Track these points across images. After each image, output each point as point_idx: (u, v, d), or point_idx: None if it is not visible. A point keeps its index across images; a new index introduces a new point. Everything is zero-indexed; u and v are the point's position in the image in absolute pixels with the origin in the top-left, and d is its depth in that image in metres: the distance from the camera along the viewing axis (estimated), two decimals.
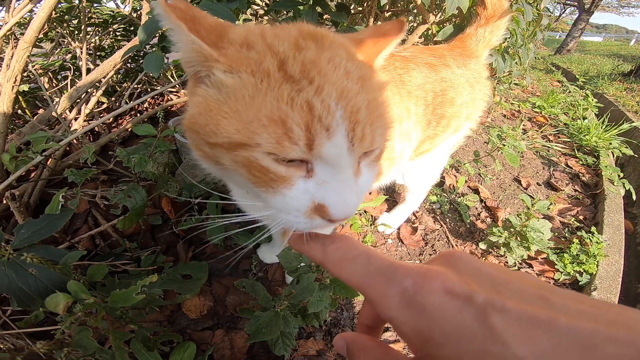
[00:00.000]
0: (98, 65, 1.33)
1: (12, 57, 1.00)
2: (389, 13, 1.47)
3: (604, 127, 2.74)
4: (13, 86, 0.99)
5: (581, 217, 1.69)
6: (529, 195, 1.77)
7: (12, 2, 1.01)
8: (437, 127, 1.07)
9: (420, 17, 1.39)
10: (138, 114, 2.30)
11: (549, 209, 1.40)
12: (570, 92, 4.28)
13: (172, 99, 2.41)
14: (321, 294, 0.87)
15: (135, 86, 2.22)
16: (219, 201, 1.08)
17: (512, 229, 1.34)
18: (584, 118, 3.11)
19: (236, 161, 0.39)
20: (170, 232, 1.25)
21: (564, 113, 3.40)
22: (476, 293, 0.23)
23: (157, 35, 0.94)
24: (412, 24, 1.72)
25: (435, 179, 1.41)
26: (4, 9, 1.02)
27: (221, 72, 0.39)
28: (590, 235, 1.48)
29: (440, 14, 1.48)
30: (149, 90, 2.42)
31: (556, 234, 1.55)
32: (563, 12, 16.12)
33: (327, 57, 0.40)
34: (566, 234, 1.56)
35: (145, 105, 2.45)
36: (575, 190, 1.96)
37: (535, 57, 7.53)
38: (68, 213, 0.61)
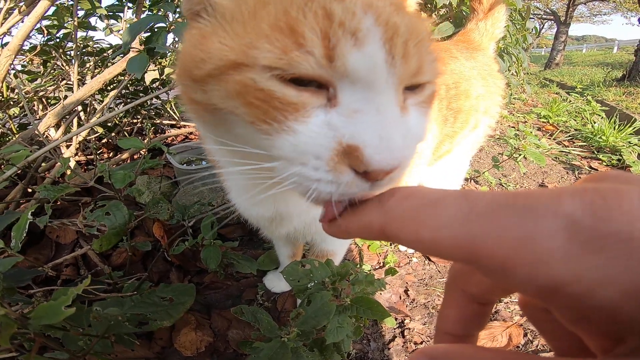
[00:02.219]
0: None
1: None
2: None
3: (617, 127, 2.72)
4: None
5: None
6: None
7: (2, 14, 0.99)
8: (455, 124, 1.00)
9: None
10: None
11: None
12: (571, 100, 4.29)
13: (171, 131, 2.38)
14: (341, 318, 0.70)
15: (134, 120, 2.21)
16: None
17: None
18: (594, 122, 3.05)
19: (229, 92, 0.30)
20: (163, 261, 1.11)
21: (572, 119, 3.35)
22: None
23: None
24: None
25: (458, 186, 1.29)
26: None
27: None
28: None
29: (433, 13, 1.48)
30: (149, 125, 2.40)
31: None
32: (542, 27, 17.03)
33: None
34: None
35: (146, 140, 2.41)
36: None
37: (527, 73, 7.70)
38: (11, 216, 0.49)
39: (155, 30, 0.90)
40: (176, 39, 1.13)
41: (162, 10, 1.27)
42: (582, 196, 0.15)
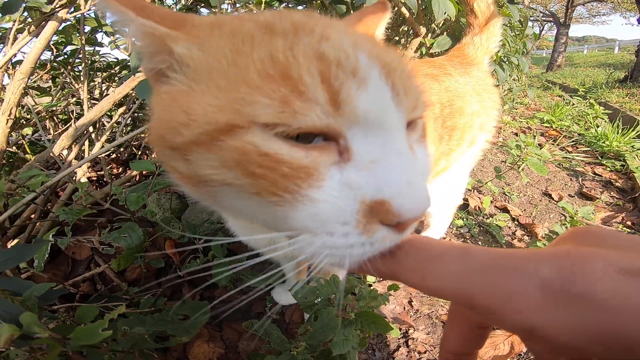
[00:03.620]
0: None
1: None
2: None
3: (620, 131, 2.70)
4: (7, 119, 0.97)
5: (629, 223, 1.55)
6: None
7: (12, 34, 1.02)
8: (450, 141, 1.00)
9: (412, 30, 1.40)
10: None
11: (592, 213, 1.26)
12: (574, 104, 4.28)
13: None
14: (346, 331, 0.73)
15: (143, 135, 2.28)
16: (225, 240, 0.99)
17: None
18: (597, 126, 3.04)
19: (225, 161, 0.25)
20: (175, 276, 1.15)
21: (575, 124, 3.34)
22: None
23: None
24: (403, 38, 1.75)
25: (458, 199, 1.31)
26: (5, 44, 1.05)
27: (183, 48, 0.29)
28: None
29: (432, 28, 1.51)
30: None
31: None
32: (542, 29, 16.98)
33: (322, 23, 0.30)
34: None
35: (153, 155, 2.47)
36: (613, 197, 1.82)
37: (530, 76, 7.67)
38: (40, 245, 0.54)
39: None
40: None
41: None
42: (557, 262, 0.19)
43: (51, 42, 1.51)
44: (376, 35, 0.43)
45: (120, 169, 2.18)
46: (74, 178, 1.31)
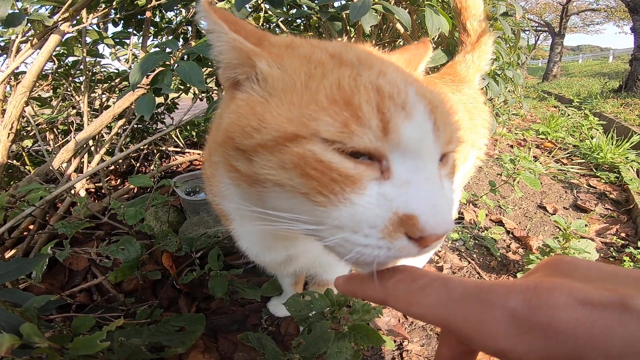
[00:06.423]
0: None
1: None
2: (377, 47, 1.53)
3: (614, 142, 2.71)
4: (9, 133, 0.98)
5: (623, 235, 1.56)
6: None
7: (14, 46, 1.02)
8: None
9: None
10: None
11: (586, 226, 1.27)
12: (569, 115, 4.32)
13: (177, 159, 2.46)
14: (340, 344, 0.74)
15: (142, 147, 2.30)
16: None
17: (552, 254, 1.20)
18: (592, 137, 3.06)
19: (284, 163, 0.30)
20: (172, 288, 1.15)
21: (570, 135, 3.37)
22: (628, 297, 0.19)
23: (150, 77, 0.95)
24: None
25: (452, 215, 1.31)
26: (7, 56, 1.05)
27: (266, 65, 0.35)
28: None
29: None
30: (155, 151, 2.50)
31: (602, 254, 1.41)
32: (537, 38, 17.19)
33: (380, 59, 0.37)
34: (613, 253, 1.42)
35: (152, 167, 2.49)
36: (607, 209, 1.84)
37: (526, 86, 7.73)
38: (40, 259, 0.55)
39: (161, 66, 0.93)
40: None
41: (166, 41, 1.31)
42: (524, 293, 0.22)
43: (53, 54, 1.53)
44: (418, 71, 0.50)
45: (119, 181, 2.20)
46: (72, 191, 1.32)
